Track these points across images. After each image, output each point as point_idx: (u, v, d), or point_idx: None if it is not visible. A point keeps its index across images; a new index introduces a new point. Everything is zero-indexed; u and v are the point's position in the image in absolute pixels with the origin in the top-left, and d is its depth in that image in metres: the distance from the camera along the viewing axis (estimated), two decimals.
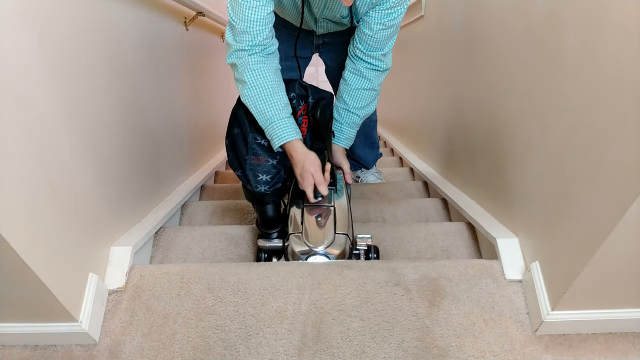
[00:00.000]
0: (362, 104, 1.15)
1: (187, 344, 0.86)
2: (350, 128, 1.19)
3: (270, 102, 1.00)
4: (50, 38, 0.77)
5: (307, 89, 1.12)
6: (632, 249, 0.67)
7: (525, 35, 0.93)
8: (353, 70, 1.12)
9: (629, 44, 0.60)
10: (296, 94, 1.10)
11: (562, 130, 0.78)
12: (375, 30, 1.04)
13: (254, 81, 1.00)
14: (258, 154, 1.04)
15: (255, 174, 1.03)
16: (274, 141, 1.01)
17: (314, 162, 1.00)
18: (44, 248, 0.72)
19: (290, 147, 1.01)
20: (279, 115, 1.00)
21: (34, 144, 0.71)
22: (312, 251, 0.99)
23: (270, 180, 1.04)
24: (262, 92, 1.00)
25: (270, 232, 1.09)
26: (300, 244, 1.00)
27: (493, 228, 1.06)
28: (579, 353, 0.83)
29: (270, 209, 1.08)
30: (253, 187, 1.04)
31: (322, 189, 1.01)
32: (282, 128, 1.00)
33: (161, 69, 1.37)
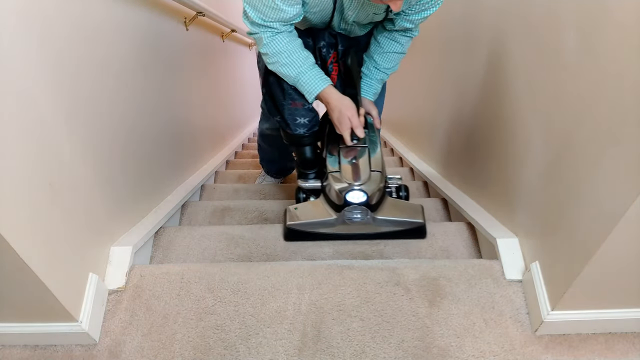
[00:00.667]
0: (391, 65, 1.19)
1: (187, 344, 0.86)
2: (378, 83, 1.22)
3: (291, 61, 1.02)
4: (50, 38, 0.77)
5: (337, 37, 1.14)
6: (632, 249, 0.67)
7: (525, 34, 0.93)
8: (388, 35, 1.14)
9: (629, 43, 0.60)
10: (326, 42, 1.13)
11: (562, 130, 0.78)
12: (416, 23, 1.07)
13: (272, 50, 1.01)
14: (295, 99, 1.09)
15: (294, 117, 1.10)
16: (307, 95, 1.06)
17: (350, 106, 1.05)
18: (44, 248, 0.72)
19: (324, 94, 1.05)
20: (302, 69, 1.03)
21: (34, 144, 0.71)
22: (351, 187, 1.04)
23: (309, 122, 1.11)
24: (281, 57, 1.02)
25: (308, 173, 1.19)
26: (339, 181, 1.06)
27: (493, 228, 1.06)
28: (579, 353, 0.83)
29: (309, 151, 1.17)
30: (292, 130, 1.11)
31: (359, 132, 1.06)
32: (310, 81, 1.04)
33: (161, 68, 1.37)
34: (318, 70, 1.06)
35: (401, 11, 1.03)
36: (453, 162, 1.49)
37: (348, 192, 1.04)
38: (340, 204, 1.06)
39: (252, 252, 1.17)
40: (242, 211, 1.47)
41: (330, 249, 1.16)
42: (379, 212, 1.10)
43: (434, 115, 1.73)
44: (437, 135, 1.69)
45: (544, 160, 0.85)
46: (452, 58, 1.46)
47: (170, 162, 1.43)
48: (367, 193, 1.04)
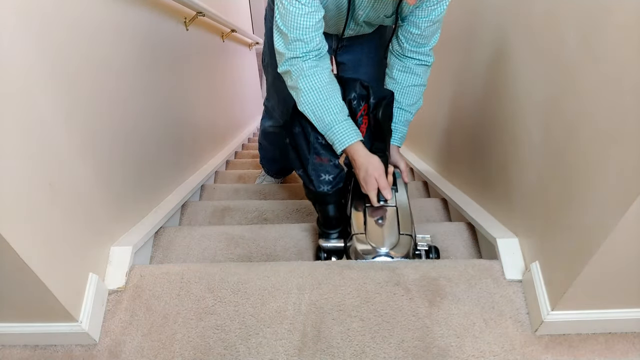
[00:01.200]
0: (413, 101, 1.13)
1: (187, 344, 0.86)
2: (404, 126, 1.17)
3: (326, 107, 0.97)
4: (50, 38, 0.77)
5: (369, 88, 1.08)
6: (632, 249, 0.67)
7: (525, 34, 0.93)
8: (402, 68, 1.10)
9: (629, 44, 0.60)
10: (357, 94, 1.07)
11: (563, 130, 0.78)
12: (423, 28, 1.02)
13: (309, 87, 0.96)
14: (320, 154, 1.03)
15: (318, 173, 1.03)
16: (336, 145, 0.99)
17: (378, 166, 0.98)
18: (44, 248, 0.72)
19: (352, 150, 0.98)
20: (337, 119, 0.97)
21: (34, 144, 0.71)
22: (376, 252, 0.98)
23: (333, 180, 1.04)
24: (317, 97, 0.96)
25: (331, 232, 1.10)
26: (365, 243, 0.99)
27: (493, 228, 1.06)
28: (579, 353, 0.83)
29: (332, 209, 1.08)
30: (316, 187, 1.04)
31: (386, 194, 0.99)
32: (342, 132, 0.97)
33: (161, 68, 1.37)
34: (351, 123, 0.99)
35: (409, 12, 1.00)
36: (453, 161, 1.49)
37: (375, 258, 0.99)
38: None
39: (252, 252, 1.17)
40: (242, 211, 1.47)
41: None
42: None
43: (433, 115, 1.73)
44: (437, 134, 1.69)
45: (544, 160, 0.85)
46: (453, 58, 1.46)
47: (170, 162, 1.43)
48: (393, 258, 0.99)
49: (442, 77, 1.59)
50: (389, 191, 1.00)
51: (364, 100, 1.08)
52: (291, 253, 1.16)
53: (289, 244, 1.18)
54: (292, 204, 1.51)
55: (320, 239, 1.11)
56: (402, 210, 1.05)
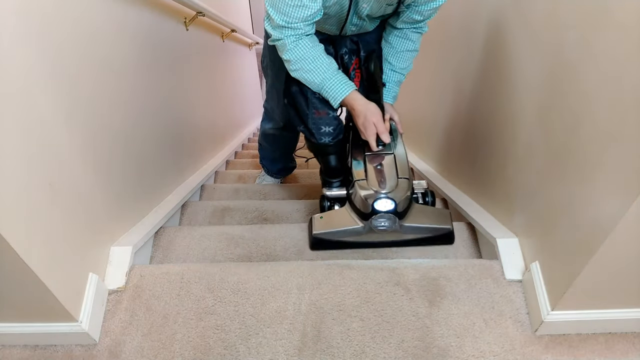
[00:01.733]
0: (405, 64, 1.18)
1: (187, 344, 0.86)
2: (396, 86, 1.21)
3: (315, 68, 1.01)
4: (50, 38, 0.77)
5: (358, 43, 1.13)
6: (632, 249, 0.67)
7: (525, 34, 0.93)
8: (398, 34, 1.13)
9: (629, 43, 0.60)
10: (348, 49, 1.12)
11: (563, 130, 0.78)
12: (426, 15, 1.06)
13: (295, 57, 1.00)
14: (318, 108, 1.09)
15: (318, 126, 1.10)
16: (332, 101, 1.04)
17: (375, 112, 1.04)
18: (44, 248, 0.72)
19: (349, 99, 1.03)
20: (327, 75, 1.01)
21: (34, 144, 0.71)
22: (378, 195, 1.01)
23: (333, 131, 1.11)
24: (305, 63, 1.00)
25: (333, 181, 1.20)
26: (366, 189, 1.03)
27: (493, 228, 1.06)
28: (579, 353, 0.83)
29: (334, 159, 1.17)
30: (317, 139, 1.11)
31: (385, 137, 1.05)
32: (335, 86, 1.02)
33: (161, 68, 1.37)
34: (342, 75, 1.04)
35: (412, 2, 1.02)
36: (453, 161, 1.49)
37: (376, 201, 1.02)
38: (367, 212, 1.03)
39: (252, 252, 1.17)
40: (242, 211, 1.47)
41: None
42: (407, 219, 1.07)
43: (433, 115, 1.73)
44: (437, 134, 1.69)
45: (544, 160, 0.85)
46: (452, 57, 1.46)
47: (171, 162, 1.43)
48: (395, 201, 1.01)
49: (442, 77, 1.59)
50: (387, 135, 1.05)
51: (355, 54, 1.13)
52: (291, 253, 1.16)
53: (289, 244, 1.18)
54: (292, 204, 1.51)
55: (323, 188, 1.18)
56: (399, 157, 1.10)
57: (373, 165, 1.08)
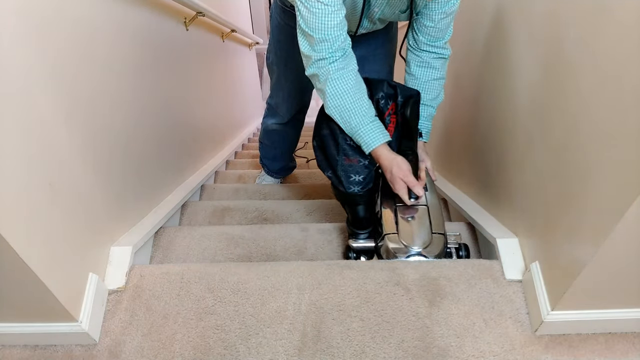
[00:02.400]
0: (434, 95, 1.13)
1: (187, 344, 0.86)
2: (428, 121, 1.16)
3: (353, 110, 0.96)
4: (50, 38, 0.77)
5: (396, 87, 1.08)
6: (632, 249, 0.67)
7: (525, 34, 0.93)
8: (420, 63, 1.10)
9: (629, 43, 0.60)
10: (384, 93, 1.07)
11: (562, 130, 0.78)
12: (437, 20, 1.02)
13: (336, 91, 0.96)
14: (349, 155, 1.03)
15: (348, 174, 1.03)
16: (363, 147, 1.00)
17: (402, 166, 0.98)
18: (44, 248, 0.72)
19: (377, 153, 0.98)
20: (363, 121, 0.97)
21: (34, 144, 0.71)
22: (409, 250, 0.98)
23: (363, 180, 1.04)
24: (344, 101, 0.96)
25: (360, 233, 1.11)
26: (397, 243, 0.99)
27: (493, 228, 1.06)
28: (579, 353, 0.83)
29: (362, 209, 1.08)
30: (346, 188, 1.04)
31: (417, 191, 0.99)
32: (368, 134, 0.97)
33: (161, 68, 1.37)
34: (379, 124, 0.99)
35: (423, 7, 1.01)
36: (453, 161, 1.49)
37: (408, 257, 0.97)
38: None
39: (252, 252, 1.17)
40: (242, 211, 1.47)
41: (330, 249, 1.16)
42: None
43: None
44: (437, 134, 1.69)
45: (543, 159, 0.85)
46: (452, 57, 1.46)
47: (170, 162, 1.43)
48: (427, 257, 0.97)
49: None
50: (419, 188, 0.99)
51: (392, 99, 1.07)
52: (291, 253, 1.16)
53: (289, 244, 1.18)
54: (292, 204, 1.51)
55: (350, 239, 1.11)
56: (433, 209, 1.03)
57: (405, 218, 1.02)
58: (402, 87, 1.09)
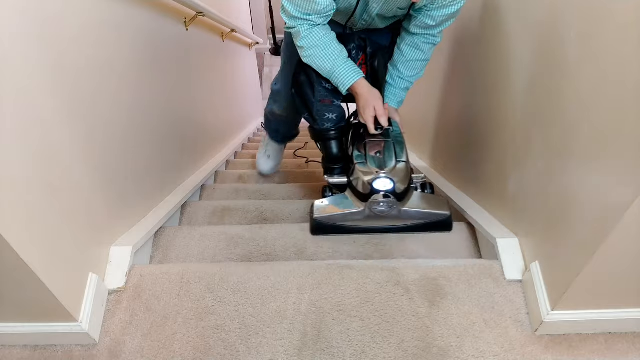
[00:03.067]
0: (414, 73, 1.22)
1: (187, 344, 0.86)
2: (402, 92, 1.27)
3: (326, 55, 1.08)
4: (50, 38, 0.77)
5: (366, 40, 1.21)
6: (632, 249, 0.67)
7: (525, 34, 0.93)
8: (410, 43, 1.16)
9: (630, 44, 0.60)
10: (355, 44, 1.20)
11: (562, 130, 0.78)
12: (438, 20, 1.08)
13: (308, 43, 1.07)
14: (324, 96, 1.18)
15: (322, 113, 1.19)
16: (341, 86, 1.12)
17: (377, 96, 1.12)
18: (44, 248, 0.72)
19: (355, 86, 1.10)
20: (337, 62, 1.09)
21: (34, 144, 0.71)
22: (377, 175, 1.06)
23: (336, 118, 1.20)
24: (317, 50, 1.08)
25: (335, 167, 1.27)
26: (367, 170, 1.09)
27: (493, 228, 1.06)
28: (579, 353, 0.83)
29: (335, 145, 1.24)
30: (320, 125, 1.20)
31: (383, 120, 1.12)
32: (344, 73, 1.09)
33: (161, 68, 1.37)
34: (351, 63, 1.10)
35: (423, 6, 1.04)
36: (453, 161, 1.49)
37: (375, 180, 1.06)
38: (367, 193, 1.07)
39: (252, 252, 1.17)
40: (242, 211, 1.47)
41: (330, 249, 1.16)
42: (405, 204, 1.11)
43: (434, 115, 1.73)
44: (437, 134, 1.69)
45: (543, 159, 0.85)
46: (452, 57, 1.46)
47: (170, 162, 1.43)
48: (393, 180, 1.05)
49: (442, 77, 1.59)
50: (385, 118, 1.12)
51: (362, 50, 1.21)
52: (291, 253, 1.16)
53: (289, 244, 1.18)
54: (292, 204, 1.51)
55: (325, 176, 1.24)
56: (397, 143, 1.16)
57: (373, 150, 1.15)
58: (372, 41, 1.21)
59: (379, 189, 1.05)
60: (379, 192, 1.05)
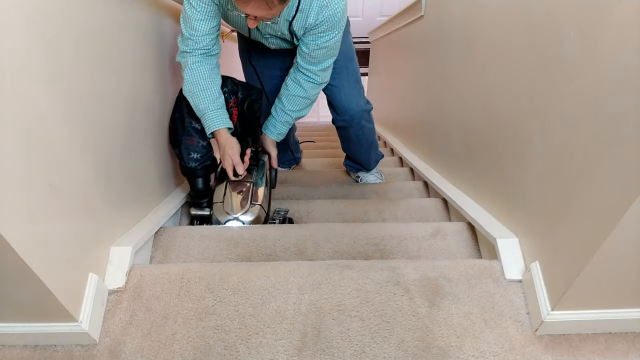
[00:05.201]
0: (296, 108, 1.34)
1: (187, 344, 0.86)
2: (283, 125, 1.38)
3: (203, 97, 1.19)
4: (50, 38, 0.77)
5: (238, 85, 1.34)
6: (632, 249, 0.67)
7: (525, 35, 0.93)
8: (294, 79, 1.29)
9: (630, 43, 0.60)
10: (228, 89, 1.31)
11: (562, 130, 0.78)
12: (311, 49, 1.19)
13: (191, 79, 1.18)
14: (192, 136, 1.27)
15: (189, 151, 1.28)
16: (207, 129, 1.23)
17: (233, 146, 1.23)
18: (44, 248, 0.72)
19: (216, 134, 1.22)
20: (209, 107, 1.20)
21: (34, 144, 0.71)
22: (229, 216, 1.23)
23: (200, 158, 1.29)
24: (196, 88, 1.18)
25: (201, 202, 1.35)
26: (221, 211, 1.25)
27: (493, 228, 1.06)
28: (579, 353, 0.83)
29: (200, 182, 1.33)
30: (186, 162, 1.28)
31: (239, 169, 1.25)
32: (211, 118, 1.20)
33: (161, 68, 1.37)
34: (224, 112, 1.22)
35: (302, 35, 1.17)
36: (453, 162, 1.49)
37: (227, 222, 1.23)
38: None
39: (252, 252, 1.17)
40: None
41: (329, 249, 1.16)
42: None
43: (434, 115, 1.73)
44: (437, 135, 1.69)
45: (543, 160, 0.85)
46: (452, 58, 1.46)
47: (171, 161, 1.43)
48: (244, 223, 1.23)
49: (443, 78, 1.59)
50: (241, 167, 1.25)
51: (234, 94, 1.34)
52: (291, 253, 1.16)
53: (289, 243, 1.18)
54: (292, 204, 1.51)
55: (192, 208, 1.35)
56: (257, 186, 1.30)
57: (232, 191, 1.29)
58: (245, 87, 1.36)
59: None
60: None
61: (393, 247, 1.16)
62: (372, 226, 1.26)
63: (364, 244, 1.16)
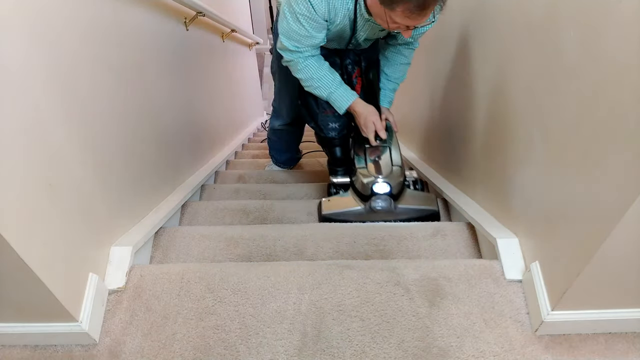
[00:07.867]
0: (399, 75, 1.40)
1: (187, 344, 0.86)
2: (391, 92, 1.44)
3: (322, 86, 1.23)
4: (50, 38, 0.77)
5: (360, 55, 1.38)
6: (632, 249, 0.67)
7: (525, 35, 0.93)
8: (393, 50, 1.35)
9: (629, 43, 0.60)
10: (351, 60, 1.36)
11: (562, 130, 0.78)
12: (416, 38, 1.28)
13: (305, 76, 1.23)
14: (326, 108, 1.32)
15: (327, 123, 1.35)
16: (339, 109, 1.27)
17: (374, 112, 1.27)
18: (44, 248, 0.72)
19: (352, 106, 1.26)
20: (332, 90, 1.24)
21: (34, 144, 0.71)
22: (376, 179, 1.24)
23: (339, 127, 1.36)
24: (313, 83, 1.23)
25: (338, 170, 1.45)
26: (367, 175, 1.27)
27: (493, 228, 1.06)
28: (579, 353, 0.83)
29: (339, 151, 1.43)
30: (325, 133, 1.37)
31: (382, 134, 1.29)
32: (340, 97, 1.25)
33: (161, 68, 1.37)
34: (345, 87, 1.26)
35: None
36: (453, 162, 1.49)
37: (374, 184, 1.23)
38: (367, 195, 1.25)
39: (252, 252, 1.17)
40: (242, 211, 1.47)
41: (330, 249, 1.16)
42: (400, 201, 1.29)
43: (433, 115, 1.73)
44: (437, 135, 1.69)
45: (543, 160, 0.85)
46: (452, 58, 1.46)
47: (171, 162, 1.43)
48: (390, 184, 1.23)
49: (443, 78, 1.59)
50: (383, 132, 1.29)
51: (357, 65, 1.38)
52: (291, 253, 1.16)
53: (289, 243, 1.18)
54: (292, 203, 1.51)
55: (331, 176, 1.46)
56: (394, 149, 1.32)
57: (372, 157, 1.31)
58: (365, 56, 1.38)
59: (378, 192, 1.23)
60: (377, 194, 1.22)
61: (393, 247, 1.16)
62: (372, 226, 1.25)
63: (364, 244, 1.16)
